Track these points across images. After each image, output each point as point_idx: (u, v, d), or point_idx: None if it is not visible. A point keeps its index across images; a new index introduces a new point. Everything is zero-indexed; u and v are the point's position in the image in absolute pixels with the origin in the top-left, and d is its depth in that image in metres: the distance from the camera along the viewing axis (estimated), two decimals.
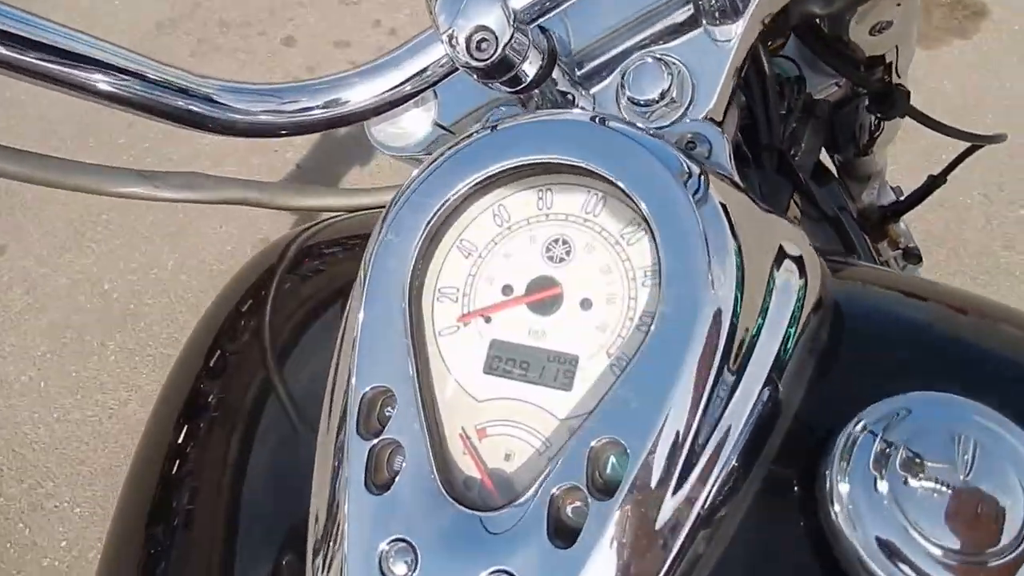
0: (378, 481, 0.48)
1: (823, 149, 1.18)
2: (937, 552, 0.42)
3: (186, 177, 0.70)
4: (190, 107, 0.61)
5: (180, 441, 0.69)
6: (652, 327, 0.46)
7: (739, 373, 0.47)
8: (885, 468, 0.44)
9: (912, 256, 1.52)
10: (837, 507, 0.44)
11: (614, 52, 0.70)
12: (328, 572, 0.47)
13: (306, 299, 0.74)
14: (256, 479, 0.66)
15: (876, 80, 1.02)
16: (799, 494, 0.49)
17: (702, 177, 0.49)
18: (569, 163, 0.52)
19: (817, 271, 0.54)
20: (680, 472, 0.44)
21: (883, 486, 0.44)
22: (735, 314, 0.46)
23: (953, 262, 2.56)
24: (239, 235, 2.95)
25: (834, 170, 1.34)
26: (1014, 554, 0.41)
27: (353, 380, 0.50)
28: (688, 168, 0.50)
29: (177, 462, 0.69)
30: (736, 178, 0.55)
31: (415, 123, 0.77)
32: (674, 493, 0.44)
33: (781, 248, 0.52)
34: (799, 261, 0.53)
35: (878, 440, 0.45)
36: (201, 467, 0.68)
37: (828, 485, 0.45)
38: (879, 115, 1.08)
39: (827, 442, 0.47)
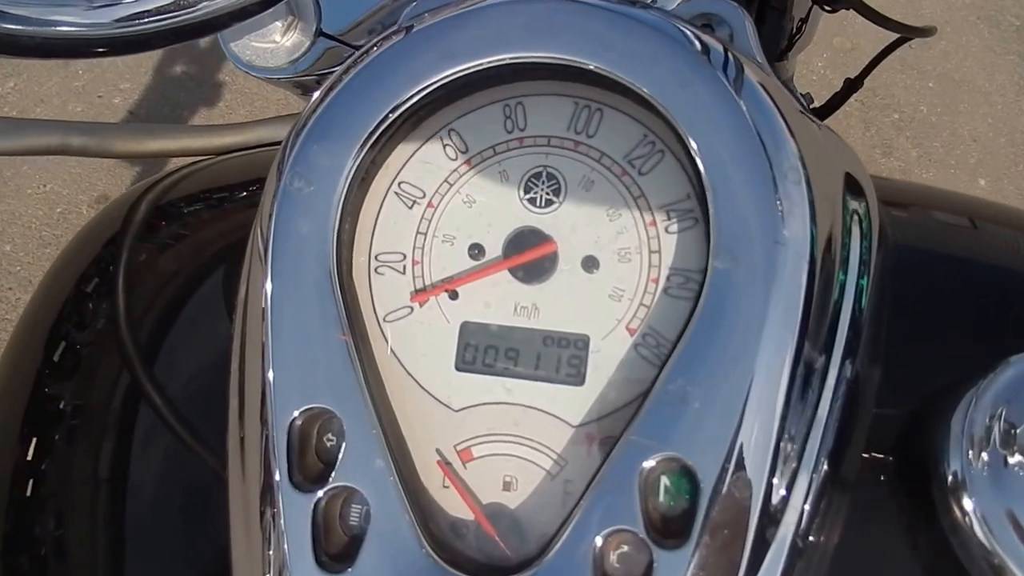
0: (333, 550, 0.33)
1: None
2: None
3: None
4: None
5: (27, 457, 0.51)
6: (705, 290, 0.33)
7: (826, 349, 0.34)
8: (1014, 448, 0.34)
9: None
10: (967, 503, 0.34)
11: None
12: None
13: (167, 272, 0.55)
14: (136, 498, 0.49)
15: None
16: (903, 492, 0.38)
17: (737, 65, 0.36)
18: (548, 61, 0.37)
19: (875, 199, 0.41)
20: (764, 492, 0.31)
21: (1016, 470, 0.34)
22: (813, 264, 0.33)
23: None
24: (70, 195, 2.60)
25: None
26: None
27: (272, 403, 0.34)
28: (719, 55, 0.36)
29: (27, 483, 0.50)
30: (770, 70, 0.41)
31: (290, 34, 0.59)
32: (761, 520, 0.31)
33: (846, 172, 0.40)
34: (859, 186, 0.40)
35: (1001, 420, 0.35)
36: (58, 490, 0.50)
37: (952, 480, 0.34)
38: (826, 7, 0.98)
39: (931, 427, 0.36)
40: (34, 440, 0.52)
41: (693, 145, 0.34)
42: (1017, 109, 2.76)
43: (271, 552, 0.33)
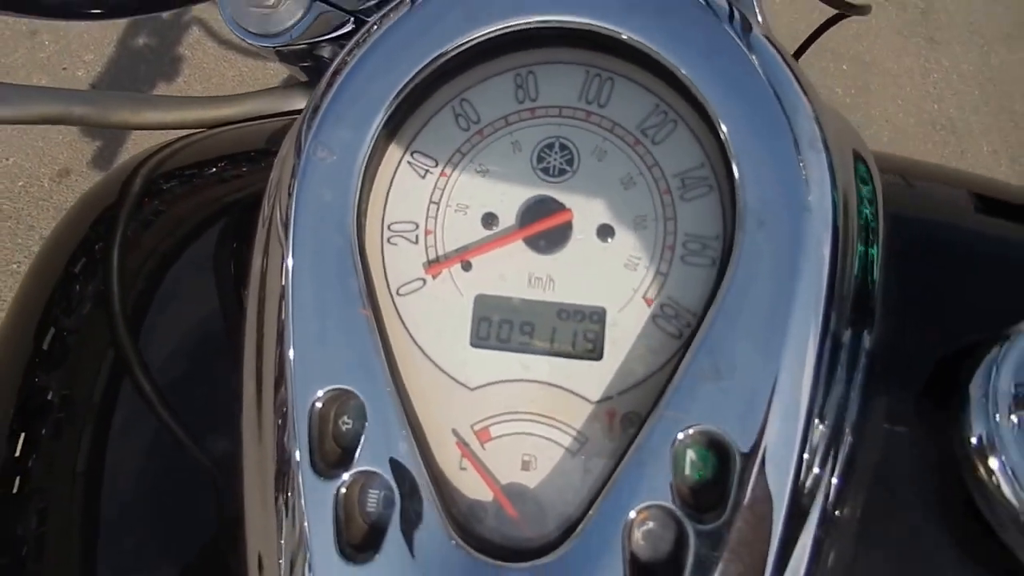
0: (355, 539, 0.29)
1: None
2: None
3: None
4: None
5: (19, 452, 0.45)
6: (733, 258, 0.30)
7: (850, 319, 0.32)
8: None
9: None
10: (992, 463, 0.32)
11: None
12: None
13: (167, 250, 0.50)
14: (121, 491, 0.43)
15: None
16: (924, 459, 0.36)
17: (747, 27, 0.33)
18: (559, 25, 0.33)
19: (876, 168, 0.39)
20: (796, 463, 0.29)
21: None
22: (836, 231, 0.31)
23: None
24: (32, 168, 2.44)
25: None
26: None
27: (292, 384, 0.30)
28: (730, 15, 0.33)
29: (16, 481, 0.45)
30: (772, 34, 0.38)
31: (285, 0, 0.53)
32: (794, 491, 0.29)
33: (856, 139, 0.37)
34: (861, 155, 0.38)
35: (1015, 386, 0.33)
36: (49, 486, 0.44)
37: (978, 442, 0.33)
38: None
39: (944, 393, 0.34)
40: (22, 432, 0.46)
41: (715, 111, 0.31)
42: (923, 91, 2.73)
43: (290, 542, 0.29)
